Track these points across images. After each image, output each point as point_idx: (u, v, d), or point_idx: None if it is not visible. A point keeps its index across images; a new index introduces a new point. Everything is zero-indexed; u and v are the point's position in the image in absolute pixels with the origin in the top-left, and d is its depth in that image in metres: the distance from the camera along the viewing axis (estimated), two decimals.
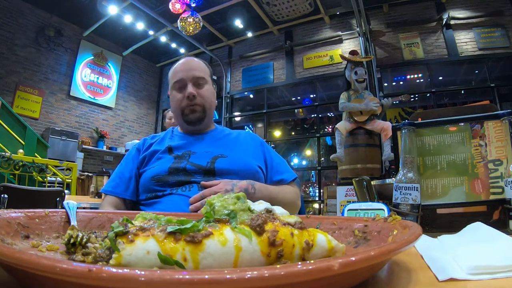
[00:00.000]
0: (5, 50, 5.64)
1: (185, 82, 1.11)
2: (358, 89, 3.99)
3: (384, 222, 0.40)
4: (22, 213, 0.40)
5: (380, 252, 0.23)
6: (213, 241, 0.27)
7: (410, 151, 0.72)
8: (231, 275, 0.18)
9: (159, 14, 5.86)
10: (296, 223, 0.32)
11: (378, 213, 0.65)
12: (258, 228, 0.28)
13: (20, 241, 0.37)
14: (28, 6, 5.92)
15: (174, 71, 1.15)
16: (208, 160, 1.03)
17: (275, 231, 0.29)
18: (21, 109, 5.70)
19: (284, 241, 0.29)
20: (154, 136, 1.23)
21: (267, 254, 0.28)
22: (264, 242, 0.28)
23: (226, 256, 0.27)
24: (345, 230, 0.45)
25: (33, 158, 3.71)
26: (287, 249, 0.29)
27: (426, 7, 5.78)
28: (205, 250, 0.26)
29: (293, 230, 0.30)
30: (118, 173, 1.10)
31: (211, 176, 0.99)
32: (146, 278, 0.17)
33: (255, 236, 0.28)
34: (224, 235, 0.28)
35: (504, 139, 0.73)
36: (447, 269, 0.35)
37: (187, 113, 1.12)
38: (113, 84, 7.38)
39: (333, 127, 4.47)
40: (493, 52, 5.20)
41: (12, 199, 1.74)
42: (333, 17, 6.40)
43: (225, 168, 1.01)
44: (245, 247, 0.27)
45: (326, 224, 0.47)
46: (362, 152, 3.93)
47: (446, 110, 2.49)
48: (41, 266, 0.19)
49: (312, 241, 0.31)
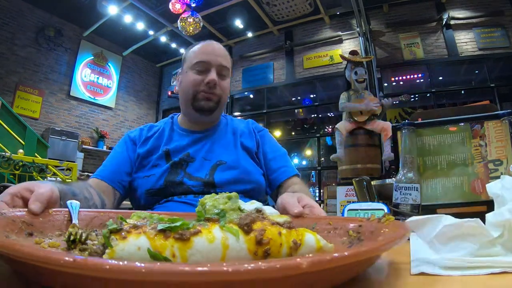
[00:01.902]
0: (5, 50, 5.64)
1: (209, 66, 1.00)
2: (358, 89, 3.99)
3: (378, 222, 0.41)
4: (26, 212, 0.42)
5: (354, 254, 0.23)
6: (201, 238, 0.28)
7: (410, 151, 0.72)
8: (183, 267, 0.19)
9: (159, 14, 5.86)
10: (285, 223, 0.33)
11: (378, 213, 0.65)
12: (245, 227, 0.29)
13: (24, 238, 0.38)
14: (28, 6, 5.92)
15: (197, 51, 1.03)
16: (207, 171, 0.97)
17: (263, 230, 0.30)
18: (21, 109, 5.69)
19: (272, 240, 0.29)
20: (152, 126, 1.12)
21: (254, 252, 0.29)
22: (251, 241, 0.29)
23: (213, 253, 0.28)
24: (340, 230, 0.46)
25: (33, 158, 3.71)
26: (274, 248, 0.29)
27: (426, 7, 5.78)
28: (193, 247, 0.27)
29: (281, 230, 0.31)
30: (114, 161, 1.01)
31: (211, 188, 0.95)
32: (111, 266, 0.19)
33: (242, 234, 0.29)
34: (212, 233, 0.29)
35: (504, 139, 0.73)
36: (421, 264, 0.36)
37: (201, 98, 1.00)
38: (113, 84, 7.38)
39: (333, 127, 4.47)
40: (493, 52, 5.20)
41: None
42: (333, 17, 6.40)
43: (225, 179, 0.96)
44: (232, 245, 0.28)
45: (322, 224, 0.48)
46: (362, 152, 3.93)
47: (446, 110, 2.50)
48: (37, 257, 0.21)
49: (300, 240, 0.31)
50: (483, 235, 0.38)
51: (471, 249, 0.37)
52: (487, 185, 0.48)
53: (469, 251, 0.36)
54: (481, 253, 0.37)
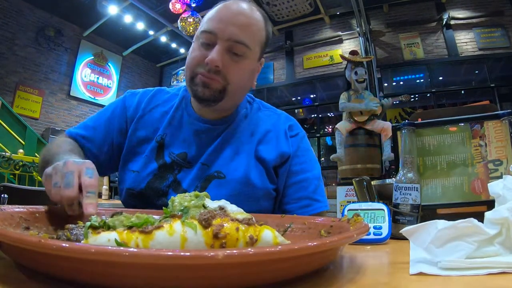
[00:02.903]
0: (5, 50, 5.64)
1: (215, 39, 0.71)
2: (358, 89, 3.99)
3: (347, 222, 0.43)
4: (24, 209, 0.45)
5: (275, 252, 0.25)
6: (162, 232, 0.31)
7: (410, 151, 0.72)
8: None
9: (159, 14, 5.87)
10: (244, 220, 0.35)
11: (378, 213, 0.65)
12: (203, 222, 0.32)
13: (21, 231, 0.40)
14: (28, 6, 5.92)
15: (209, 15, 0.76)
16: (199, 183, 0.76)
17: (221, 225, 0.32)
18: (21, 109, 5.70)
19: (228, 234, 0.32)
20: (160, 91, 0.88)
21: (211, 245, 0.31)
22: (208, 235, 0.31)
23: (172, 244, 0.31)
24: (313, 229, 0.48)
25: (33, 158, 3.71)
26: (231, 242, 0.32)
27: (426, 7, 5.79)
28: (155, 239, 0.30)
29: (239, 225, 0.33)
30: (97, 124, 0.83)
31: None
32: (71, 246, 0.24)
33: (200, 229, 0.32)
34: (173, 227, 0.32)
35: (504, 139, 0.73)
36: (419, 264, 0.36)
37: (198, 82, 0.73)
38: (113, 84, 7.38)
39: (333, 127, 4.47)
40: (493, 52, 5.20)
41: (12, 199, 1.74)
42: (333, 17, 6.41)
43: (216, 195, 0.66)
44: (190, 238, 0.31)
45: (297, 224, 0.50)
46: (362, 152, 3.93)
47: (446, 110, 2.50)
48: (13, 239, 0.26)
49: (257, 236, 0.33)
50: (479, 234, 0.37)
51: (469, 249, 0.37)
52: (489, 185, 0.48)
53: (467, 252, 0.36)
54: (480, 254, 0.37)
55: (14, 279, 0.30)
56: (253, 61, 0.77)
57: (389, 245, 0.60)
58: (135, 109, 0.84)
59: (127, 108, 0.85)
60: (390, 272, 0.39)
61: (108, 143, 0.83)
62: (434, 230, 0.38)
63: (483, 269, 0.34)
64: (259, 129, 0.83)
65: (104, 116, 0.85)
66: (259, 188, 0.77)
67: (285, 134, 0.83)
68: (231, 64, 0.72)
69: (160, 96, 0.87)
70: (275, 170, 0.80)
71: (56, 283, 0.27)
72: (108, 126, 0.83)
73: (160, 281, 0.24)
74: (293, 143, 0.83)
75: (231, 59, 0.72)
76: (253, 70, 0.79)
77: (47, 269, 0.28)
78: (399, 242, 0.61)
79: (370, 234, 0.60)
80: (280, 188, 0.81)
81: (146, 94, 0.87)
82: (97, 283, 0.25)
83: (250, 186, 0.76)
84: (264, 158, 0.78)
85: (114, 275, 0.25)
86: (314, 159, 0.87)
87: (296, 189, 0.81)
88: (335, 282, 0.32)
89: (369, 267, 0.39)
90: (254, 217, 0.38)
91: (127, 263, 0.23)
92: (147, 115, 0.83)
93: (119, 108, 0.85)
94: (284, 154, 0.80)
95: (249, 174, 0.76)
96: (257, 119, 0.85)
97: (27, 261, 0.30)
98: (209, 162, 0.78)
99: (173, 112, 0.83)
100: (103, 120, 0.84)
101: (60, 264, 0.26)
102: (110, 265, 0.24)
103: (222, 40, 0.70)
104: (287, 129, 0.84)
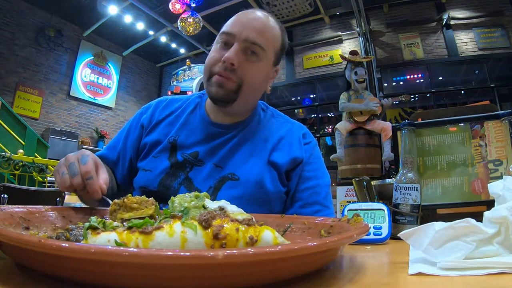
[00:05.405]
0: (5, 50, 5.64)
1: (232, 40, 0.76)
2: (358, 89, 3.99)
3: (347, 223, 0.43)
4: (24, 209, 0.45)
5: (275, 252, 0.25)
6: (162, 232, 0.31)
7: (410, 151, 0.72)
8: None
9: (159, 14, 5.87)
10: (244, 220, 0.35)
11: (378, 213, 0.65)
12: (203, 223, 0.32)
13: (21, 231, 0.40)
14: (28, 6, 5.92)
15: (231, 20, 0.82)
16: (212, 183, 0.78)
17: (221, 226, 0.32)
18: (21, 109, 5.70)
19: (228, 235, 0.32)
20: (172, 102, 0.92)
21: (211, 246, 0.31)
22: (208, 235, 0.31)
23: (172, 245, 0.30)
24: (313, 229, 0.47)
25: (33, 158, 3.71)
26: (231, 242, 0.32)
27: (426, 7, 5.79)
28: (155, 239, 0.30)
29: (239, 226, 0.33)
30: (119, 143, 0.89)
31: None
32: (71, 246, 0.24)
33: (200, 229, 0.32)
34: (173, 228, 0.32)
35: (504, 139, 0.73)
36: (419, 264, 0.36)
37: (214, 82, 0.77)
38: (113, 84, 7.39)
39: (333, 127, 4.47)
40: (493, 52, 5.21)
41: (12, 199, 1.74)
42: (333, 17, 6.41)
43: (230, 196, 0.75)
44: (190, 239, 0.31)
45: (297, 224, 0.50)
46: (362, 152, 3.93)
47: (446, 110, 2.50)
48: (12, 238, 0.26)
49: (257, 236, 0.33)
50: (477, 233, 0.37)
51: (468, 249, 0.36)
52: (489, 185, 0.48)
53: (466, 251, 0.36)
54: (479, 254, 0.37)
55: (14, 279, 0.30)
56: (268, 65, 0.81)
57: (389, 245, 0.60)
58: (149, 119, 0.89)
59: (142, 120, 0.89)
60: (390, 272, 0.39)
61: (127, 159, 0.88)
62: (432, 231, 0.38)
63: (483, 269, 0.34)
64: (273, 136, 0.85)
65: (122, 133, 0.91)
66: (271, 192, 0.79)
67: (299, 141, 0.86)
68: (246, 64, 0.76)
69: (173, 104, 0.91)
70: (287, 174, 0.83)
71: (56, 283, 0.27)
72: (125, 140, 0.89)
73: (160, 281, 0.24)
74: (306, 150, 0.86)
75: (247, 59, 0.76)
76: (267, 74, 0.83)
77: (47, 269, 0.28)
78: (399, 242, 0.61)
79: (370, 234, 0.60)
80: (290, 190, 0.83)
81: (161, 103, 0.92)
82: (97, 283, 0.25)
83: (263, 190, 0.78)
84: (277, 163, 0.81)
85: (114, 275, 0.25)
86: (325, 168, 0.90)
87: (310, 193, 0.83)
88: (335, 282, 0.32)
89: (369, 267, 0.40)
90: (254, 218, 0.38)
91: (127, 263, 0.23)
92: (161, 122, 0.88)
93: (135, 121, 0.91)
94: (296, 158, 0.83)
95: (263, 178, 0.79)
96: (270, 126, 0.88)
97: (27, 261, 0.30)
98: (222, 164, 0.80)
99: (187, 115, 0.87)
100: (122, 137, 0.90)
101: (60, 264, 0.26)
102: (110, 265, 0.24)
103: (239, 41, 0.75)
104: (301, 136, 0.87)
